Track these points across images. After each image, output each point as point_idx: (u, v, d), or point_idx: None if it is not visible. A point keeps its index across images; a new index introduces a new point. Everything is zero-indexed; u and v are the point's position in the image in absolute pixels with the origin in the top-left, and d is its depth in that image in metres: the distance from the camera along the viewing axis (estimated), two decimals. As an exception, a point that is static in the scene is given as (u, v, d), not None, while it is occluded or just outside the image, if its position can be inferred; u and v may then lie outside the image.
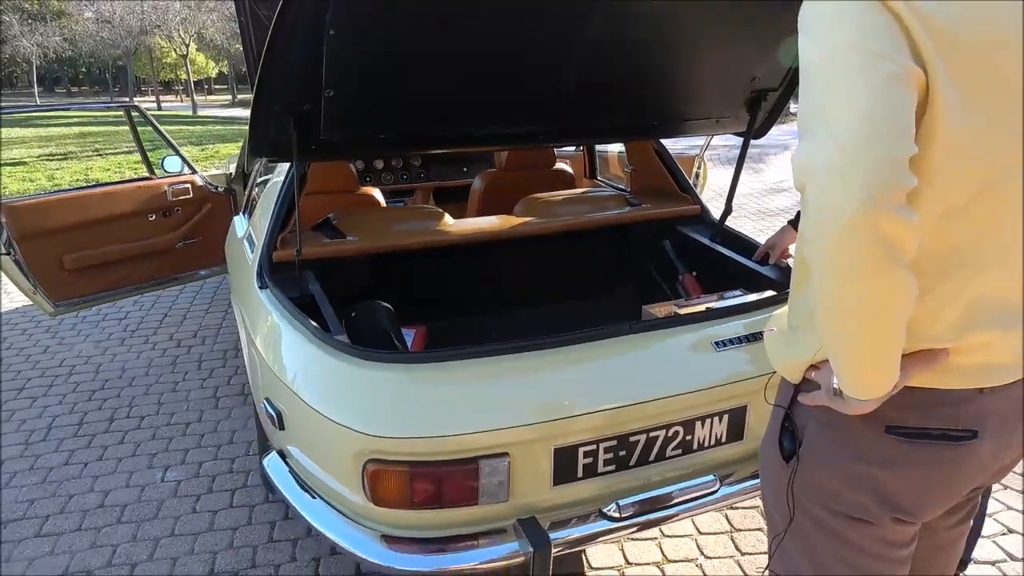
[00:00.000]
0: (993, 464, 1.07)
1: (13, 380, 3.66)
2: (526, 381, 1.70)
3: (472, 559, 1.66)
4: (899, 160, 0.80)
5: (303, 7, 1.55)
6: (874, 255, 0.81)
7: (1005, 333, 1.01)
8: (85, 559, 2.35)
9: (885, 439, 1.02)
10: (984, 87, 0.88)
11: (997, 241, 0.96)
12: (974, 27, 0.87)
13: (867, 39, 0.84)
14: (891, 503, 1.05)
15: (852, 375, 0.94)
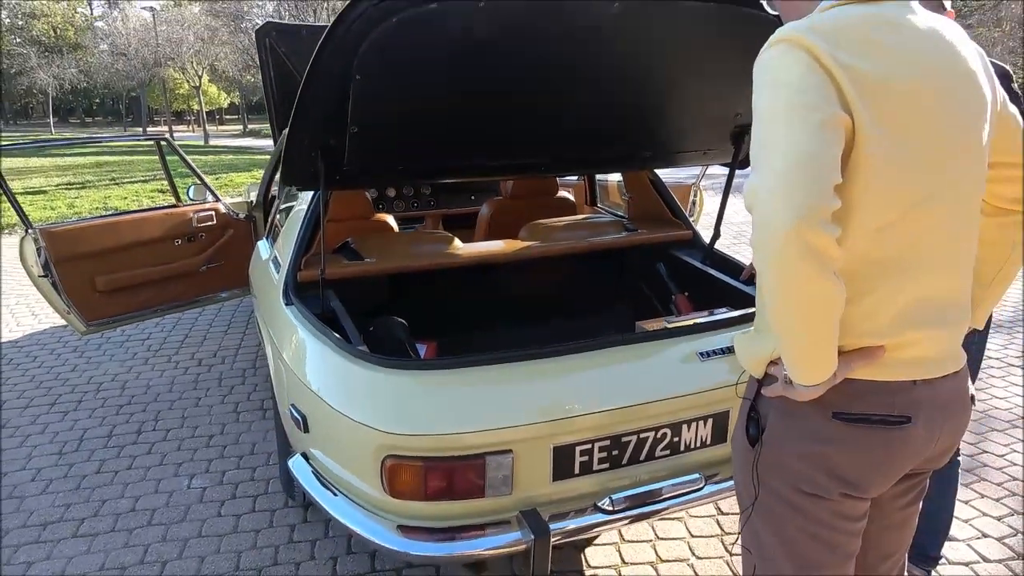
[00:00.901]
0: (928, 447, 1.26)
1: (44, 396, 3.87)
2: (528, 386, 1.90)
3: (479, 546, 1.84)
4: (824, 187, 1.01)
5: (334, 56, 1.78)
6: (805, 262, 1.01)
7: (935, 332, 1.20)
8: (119, 557, 2.53)
9: (833, 423, 1.21)
10: (903, 126, 1.09)
11: (926, 252, 1.16)
12: (893, 79, 1.08)
13: (803, 94, 1.05)
14: (840, 479, 1.23)
15: (796, 364, 1.13)
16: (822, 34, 1.07)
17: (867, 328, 1.17)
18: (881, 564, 1.47)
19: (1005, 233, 1.36)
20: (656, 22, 1.93)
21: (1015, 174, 1.31)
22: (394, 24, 1.74)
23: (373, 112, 1.98)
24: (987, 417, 3.51)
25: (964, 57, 1.17)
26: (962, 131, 1.15)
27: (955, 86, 1.14)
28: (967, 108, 1.16)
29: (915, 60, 1.10)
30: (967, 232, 1.21)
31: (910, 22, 1.14)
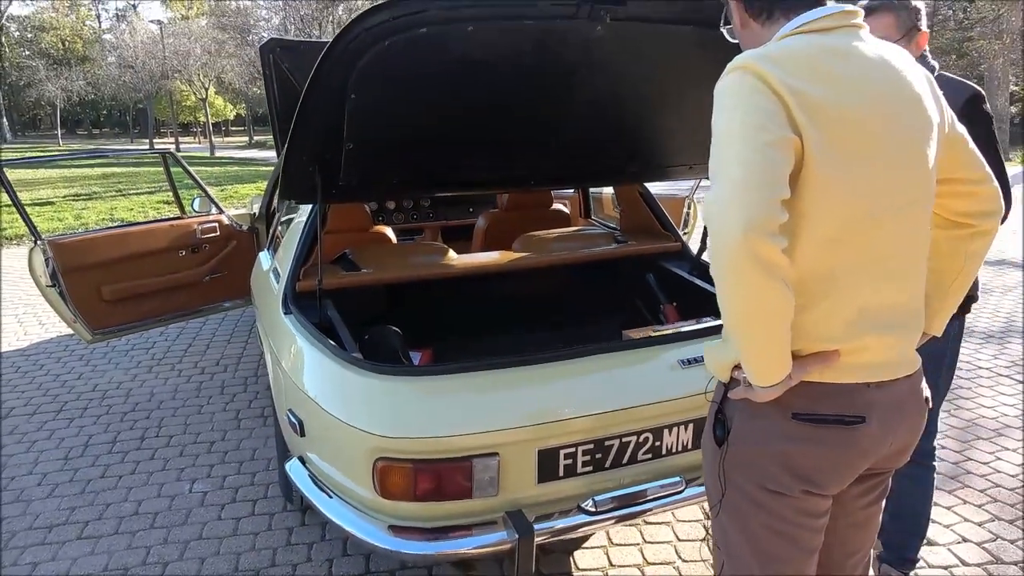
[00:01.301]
0: (883, 446, 1.33)
1: (51, 403, 3.96)
2: (513, 391, 1.98)
3: (466, 545, 1.92)
4: (771, 201, 1.09)
5: (330, 76, 1.88)
6: (754, 270, 1.09)
7: (887, 337, 1.28)
8: (122, 558, 2.61)
9: (792, 423, 1.28)
10: (850, 147, 1.18)
11: (875, 263, 1.24)
12: (840, 104, 1.17)
13: (754, 116, 1.14)
14: (801, 477, 1.30)
15: (751, 366, 1.21)
16: (774, 61, 1.16)
17: (821, 333, 1.25)
18: (847, 561, 1.54)
19: (958, 245, 1.44)
20: (637, 44, 2.03)
21: (966, 190, 1.39)
22: (387, 46, 1.84)
23: (368, 129, 2.08)
24: (973, 425, 3.57)
25: (910, 82, 1.26)
26: (908, 151, 1.24)
27: (901, 110, 1.23)
28: (913, 130, 1.25)
29: (861, 86, 1.19)
30: (915, 245, 1.30)
31: (858, 50, 1.23)
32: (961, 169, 1.38)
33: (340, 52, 1.82)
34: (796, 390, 1.26)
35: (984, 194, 1.40)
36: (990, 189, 1.40)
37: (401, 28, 1.80)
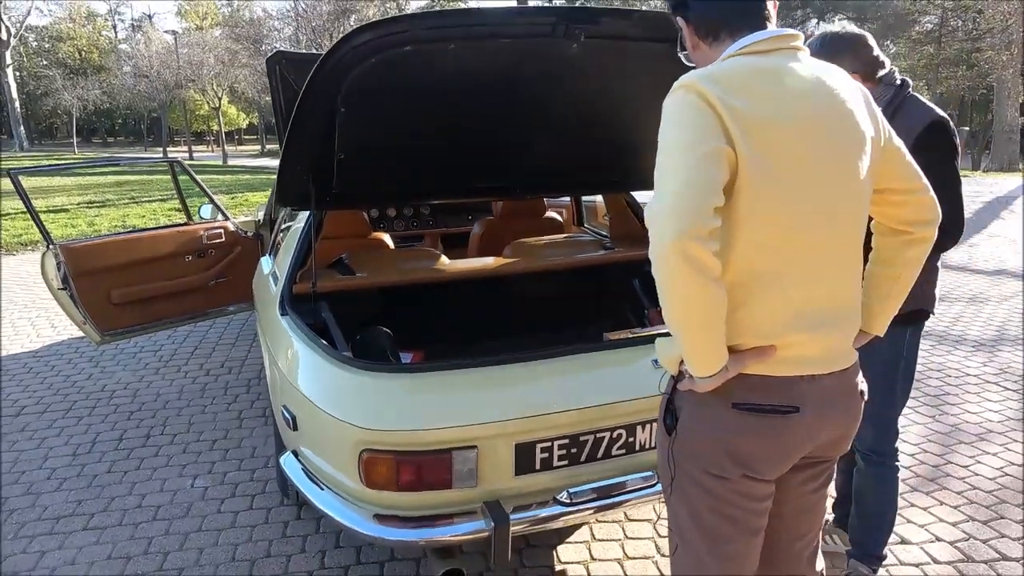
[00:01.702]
0: (817, 435, 1.43)
1: (61, 402, 4.10)
2: (492, 388, 2.10)
3: (446, 533, 2.02)
4: (703, 208, 1.20)
5: (321, 91, 2.00)
6: (686, 270, 1.20)
7: (820, 334, 1.38)
8: (125, 548, 2.73)
9: (732, 412, 1.39)
10: (781, 158, 1.29)
11: (807, 266, 1.35)
12: (772, 119, 1.28)
13: (692, 130, 1.25)
14: (740, 462, 1.41)
15: (689, 358, 1.32)
16: (713, 80, 1.28)
17: (758, 330, 1.36)
18: (794, 544, 1.64)
19: (897, 251, 1.53)
20: (612, 60, 2.15)
21: (902, 199, 1.49)
22: (373, 64, 1.96)
23: (358, 140, 2.20)
24: (956, 430, 3.65)
25: (843, 99, 1.36)
26: (838, 163, 1.34)
27: (831, 125, 1.34)
28: (844, 143, 1.35)
29: (793, 103, 1.30)
30: (846, 249, 1.40)
31: (793, 70, 1.34)
32: (898, 180, 1.47)
33: (330, 68, 1.95)
34: (736, 382, 1.36)
35: (921, 203, 1.49)
36: (927, 199, 1.50)
37: (386, 47, 1.92)
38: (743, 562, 1.50)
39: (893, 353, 2.24)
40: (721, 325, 1.29)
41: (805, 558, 1.66)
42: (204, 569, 2.60)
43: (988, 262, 7.85)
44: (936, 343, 5.01)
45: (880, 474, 2.34)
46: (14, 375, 4.56)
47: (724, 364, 1.33)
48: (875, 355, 2.25)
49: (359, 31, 1.88)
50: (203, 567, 2.61)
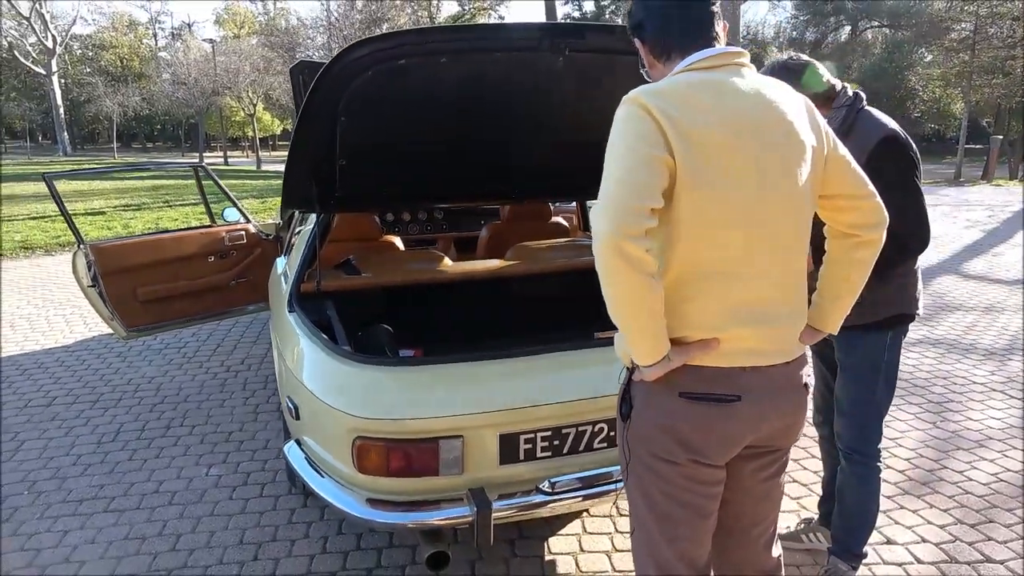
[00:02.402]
0: (760, 424, 1.53)
1: (89, 394, 4.32)
2: (478, 382, 2.22)
3: (432, 517, 2.15)
4: (637, 209, 1.31)
5: (322, 102, 2.15)
6: (620, 266, 1.31)
7: (761, 329, 1.48)
8: (141, 529, 2.90)
9: (679, 401, 1.50)
10: (718, 165, 1.39)
11: (747, 264, 1.45)
12: (709, 129, 1.39)
13: (634, 137, 1.37)
14: (687, 447, 1.51)
15: (632, 348, 1.43)
16: (656, 94, 1.40)
17: (702, 323, 1.46)
18: (752, 530, 1.73)
19: (846, 253, 1.62)
20: (598, 72, 2.26)
21: (849, 204, 1.58)
22: (370, 76, 2.11)
23: (358, 147, 2.35)
24: (955, 436, 3.67)
25: (783, 111, 1.46)
26: (776, 169, 1.44)
27: (769, 134, 1.43)
28: (782, 151, 1.45)
29: (730, 115, 1.41)
30: (788, 250, 1.49)
31: (734, 85, 1.45)
32: (845, 187, 1.57)
33: (330, 80, 2.09)
34: (682, 372, 1.47)
35: (867, 208, 1.58)
36: (872, 204, 1.58)
37: (381, 60, 2.06)
38: (694, 544, 1.60)
39: (873, 356, 2.31)
40: (658, 317, 1.40)
41: (761, 544, 1.75)
42: (214, 551, 2.75)
43: (1009, 271, 7.77)
44: (946, 351, 5.01)
45: (861, 473, 2.40)
46: (47, 368, 4.79)
47: (665, 354, 1.43)
48: (855, 357, 2.33)
49: (355, 46, 2.03)
50: (213, 549, 2.77)
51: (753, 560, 1.76)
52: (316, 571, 2.63)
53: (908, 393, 4.25)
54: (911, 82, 25.18)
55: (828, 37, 34.01)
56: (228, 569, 2.64)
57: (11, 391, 4.38)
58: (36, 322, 5.94)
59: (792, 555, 2.69)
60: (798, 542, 2.73)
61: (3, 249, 9.18)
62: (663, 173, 1.36)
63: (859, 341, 2.31)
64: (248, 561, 2.69)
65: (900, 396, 4.19)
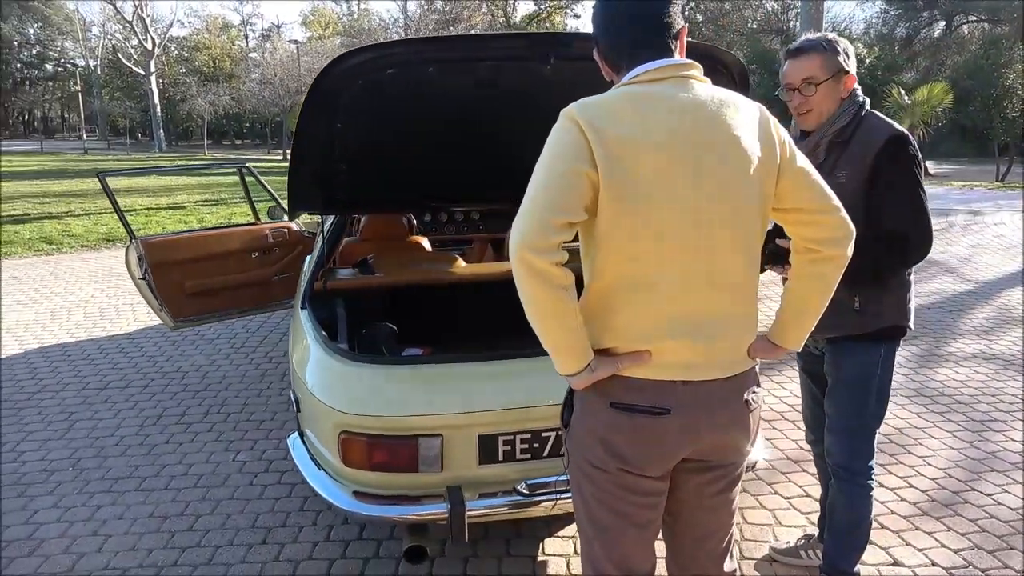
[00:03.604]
0: (694, 438, 1.51)
1: (141, 379, 4.61)
2: (458, 383, 2.28)
3: (410, 511, 2.23)
4: (549, 222, 1.33)
5: (319, 110, 2.25)
6: (530, 278, 1.34)
7: (694, 343, 1.47)
8: (165, 508, 3.09)
9: (610, 410, 1.50)
10: (645, 178, 1.39)
11: (676, 277, 1.44)
12: (638, 141, 1.39)
13: (559, 150, 1.39)
14: (617, 456, 1.52)
15: (552, 357, 1.45)
16: (588, 107, 1.41)
17: (632, 335, 1.46)
18: (703, 544, 1.71)
19: (808, 268, 1.58)
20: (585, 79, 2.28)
21: (810, 219, 1.54)
22: (361, 85, 2.19)
23: (357, 152, 2.45)
24: (991, 457, 3.50)
25: (729, 124, 1.44)
26: (714, 182, 1.42)
27: (709, 147, 1.42)
28: (723, 164, 1.42)
29: (666, 128, 1.40)
30: (729, 264, 1.47)
31: (675, 97, 1.43)
32: (805, 200, 1.53)
33: (324, 88, 2.19)
34: (614, 382, 1.48)
35: (828, 223, 1.54)
36: (835, 219, 1.54)
37: (371, 70, 2.15)
38: (629, 553, 1.61)
39: (864, 370, 2.24)
40: (572, 330, 1.41)
41: (712, 558, 1.72)
42: (227, 532, 2.91)
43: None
44: (1001, 368, 4.75)
45: (849, 491, 2.33)
46: (108, 354, 5.14)
47: (587, 364, 1.44)
48: (846, 372, 2.27)
49: (346, 56, 2.11)
50: (226, 530, 2.93)
51: (706, 573, 1.75)
52: (318, 557, 2.75)
53: (950, 410, 4.06)
54: (1009, 80, 23.69)
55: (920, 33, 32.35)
56: (237, 552, 2.79)
57: (73, 374, 4.73)
58: (106, 310, 6.36)
59: (789, 570, 2.65)
60: (796, 558, 2.67)
61: (88, 241, 9.82)
62: (584, 187, 1.37)
63: (850, 356, 2.25)
64: (256, 544, 2.83)
65: (940, 413, 4.01)
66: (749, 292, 1.55)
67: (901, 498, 3.13)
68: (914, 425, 3.87)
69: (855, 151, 2.11)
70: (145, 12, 42.09)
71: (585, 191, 1.37)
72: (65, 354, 5.14)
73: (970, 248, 8.84)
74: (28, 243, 9.62)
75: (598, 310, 1.49)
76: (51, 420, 4.00)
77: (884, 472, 3.35)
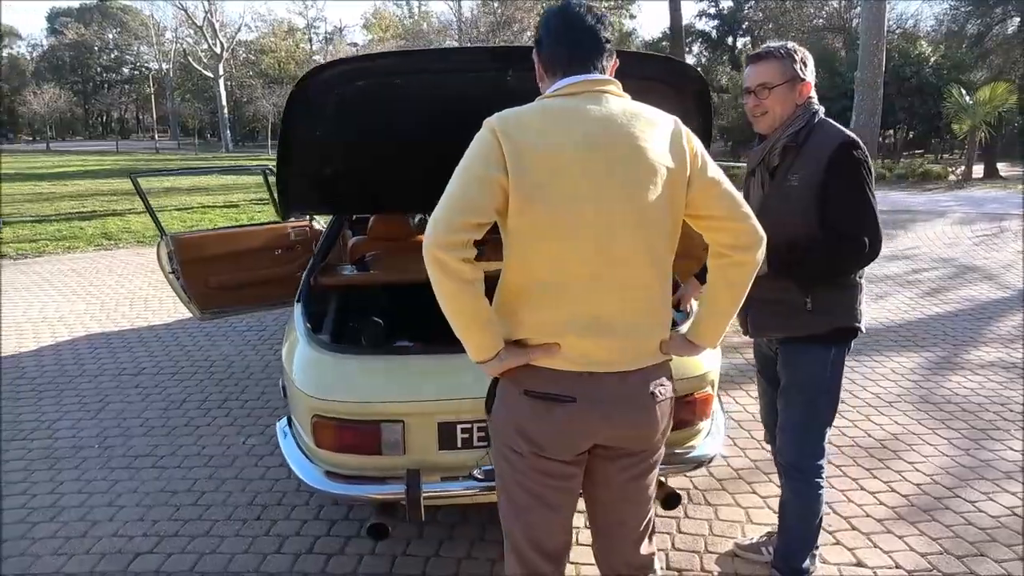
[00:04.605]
0: (601, 427, 1.64)
1: (171, 366, 4.94)
2: (420, 373, 2.44)
3: (371, 491, 2.39)
4: (454, 223, 1.47)
5: (297, 117, 2.44)
6: (437, 273, 1.48)
7: (597, 339, 1.59)
8: (174, 484, 3.35)
9: (523, 397, 1.64)
10: (553, 186, 1.52)
11: (583, 277, 1.56)
12: (542, 150, 1.52)
13: (474, 156, 1.53)
14: (529, 440, 1.65)
15: (464, 345, 1.60)
16: (506, 118, 1.55)
17: (540, 329, 1.60)
18: (619, 527, 1.83)
19: (721, 272, 1.67)
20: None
21: (721, 226, 1.64)
22: (336, 96, 2.38)
23: (337, 158, 2.63)
24: (985, 466, 3.46)
25: (635, 136, 1.56)
26: (618, 190, 1.54)
27: (615, 158, 1.53)
28: (628, 173, 1.54)
29: (575, 139, 1.52)
30: (633, 267, 1.58)
31: (586, 111, 1.56)
32: (715, 208, 1.63)
33: (300, 100, 2.38)
34: (528, 372, 1.62)
35: (739, 230, 1.63)
36: (745, 226, 1.63)
37: (340, 82, 2.33)
38: (541, 531, 1.74)
39: (815, 371, 2.30)
40: (478, 321, 1.55)
41: (630, 541, 1.84)
42: (227, 508, 3.15)
43: None
44: (1016, 376, 4.65)
45: (799, 490, 2.40)
46: (146, 342, 5.50)
47: (495, 354, 1.58)
48: (797, 373, 2.34)
49: (317, 69, 2.30)
50: (227, 506, 3.16)
51: (622, 555, 1.86)
52: (306, 534, 2.96)
53: (952, 417, 4.01)
54: (1088, 79, 22.58)
55: (992, 30, 31.01)
56: (233, 526, 3.01)
57: (111, 360, 5.08)
58: (150, 302, 6.77)
59: (751, 567, 2.72)
60: (757, 553, 2.74)
61: (144, 237, 10.37)
62: (494, 192, 1.50)
63: (801, 357, 2.32)
64: (251, 520, 3.06)
65: (942, 420, 3.98)
66: (656, 292, 1.66)
67: (880, 502, 3.15)
68: (911, 431, 3.85)
69: (808, 156, 2.18)
70: (214, 17, 43.76)
71: (496, 195, 1.51)
72: (108, 342, 5.53)
73: (1015, 254, 8.55)
74: (90, 238, 10.24)
75: (511, 305, 1.62)
76: (86, 402, 4.34)
77: (868, 476, 3.37)
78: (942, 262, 8.22)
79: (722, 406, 3.17)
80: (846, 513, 3.05)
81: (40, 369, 4.93)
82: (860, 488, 3.26)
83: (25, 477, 3.44)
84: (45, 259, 9.01)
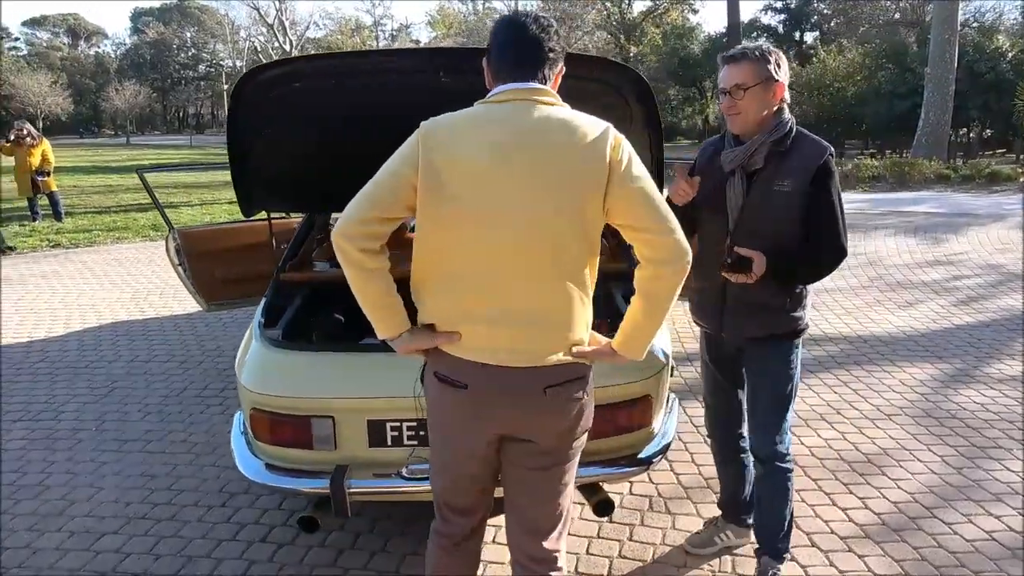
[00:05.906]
0: (494, 414, 1.70)
1: (182, 355, 5.14)
2: (352, 370, 2.48)
3: (300, 485, 2.46)
4: (361, 216, 1.58)
5: (241, 122, 2.52)
6: (342, 259, 1.60)
7: (491, 330, 1.66)
8: (154, 469, 3.49)
9: (434, 379, 1.75)
10: (463, 187, 1.59)
11: (485, 273, 1.63)
12: (461, 154, 1.59)
13: (395, 157, 1.63)
14: (436, 418, 1.78)
15: (371, 323, 1.70)
16: (435, 122, 1.64)
17: (441, 317, 1.69)
18: (522, 515, 1.87)
19: (643, 284, 1.69)
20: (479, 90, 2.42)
21: (642, 237, 1.65)
22: (274, 97, 2.44)
23: (283, 158, 2.69)
24: (974, 486, 3.28)
25: (555, 142, 1.60)
26: (528, 193, 1.59)
27: (531, 163, 1.59)
28: (543, 177, 1.59)
29: (491, 143, 1.59)
30: (536, 267, 1.63)
31: (511, 118, 1.62)
32: (633, 219, 1.65)
33: (241, 100, 2.45)
34: (438, 356, 1.72)
35: (658, 244, 1.64)
36: (666, 240, 1.63)
37: (279, 83, 2.38)
38: (451, 495, 1.88)
39: (787, 366, 2.42)
40: (380, 305, 1.67)
41: (531, 533, 1.87)
42: (196, 493, 3.27)
43: None
44: (1036, 393, 4.39)
45: (777, 475, 2.47)
46: (164, 331, 5.73)
47: (400, 334, 1.70)
48: (772, 368, 2.44)
49: (251, 73, 2.36)
50: (197, 492, 3.28)
51: (522, 544, 1.89)
52: (263, 523, 3.04)
53: (952, 433, 3.82)
54: None
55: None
56: (198, 511, 3.12)
57: (128, 347, 5.32)
58: (179, 292, 7.02)
59: (721, 560, 2.72)
60: (712, 545, 2.75)
61: (192, 228, 10.77)
62: (405, 189, 1.60)
63: (775, 352, 2.40)
64: (216, 506, 3.16)
65: (940, 436, 3.79)
66: (559, 291, 1.67)
67: (849, 519, 3.03)
68: (903, 447, 3.68)
69: (795, 163, 2.23)
70: (285, 16, 45.02)
71: (407, 192, 1.61)
72: (130, 330, 5.79)
73: (1071, 263, 8.04)
74: (139, 230, 10.72)
75: (417, 291, 1.74)
76: (96, 387, 4.56)
77: (843, 491, 3.24)
78: (988, 269, 7.80)
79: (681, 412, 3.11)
80: (809, 529, 2.95)
81: (62, 353, 5.20)
82: (831, 504, 3.15)
83: (21, 456, 3.64)
84: (94, 249, 9.48)
